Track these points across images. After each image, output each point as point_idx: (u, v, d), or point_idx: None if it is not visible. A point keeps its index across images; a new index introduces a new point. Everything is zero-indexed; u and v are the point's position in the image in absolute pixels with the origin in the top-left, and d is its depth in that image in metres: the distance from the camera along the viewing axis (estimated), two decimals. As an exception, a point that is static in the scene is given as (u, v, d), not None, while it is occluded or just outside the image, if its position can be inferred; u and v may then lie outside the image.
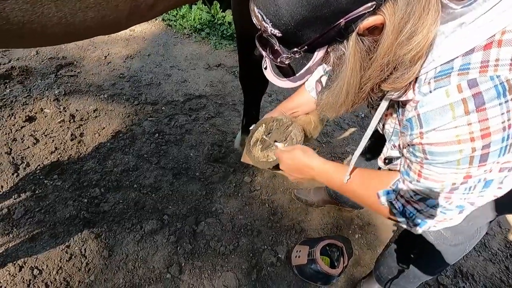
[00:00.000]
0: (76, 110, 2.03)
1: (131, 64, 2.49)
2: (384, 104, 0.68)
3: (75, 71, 2.34)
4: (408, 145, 0.62)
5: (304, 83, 0.98)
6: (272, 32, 0.53)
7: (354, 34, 0.50)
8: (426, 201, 0.65)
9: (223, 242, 1.50)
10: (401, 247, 1.20)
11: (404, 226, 0.72)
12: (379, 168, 0.88)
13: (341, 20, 0.48)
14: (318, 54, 0.56)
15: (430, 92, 0.54)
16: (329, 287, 1.42)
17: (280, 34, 0.53)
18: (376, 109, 0.70)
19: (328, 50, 0.55)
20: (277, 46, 0.57)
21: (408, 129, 0.59)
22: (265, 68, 0.69)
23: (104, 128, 1.95)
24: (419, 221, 0.68)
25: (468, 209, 0.65)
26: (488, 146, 0.52)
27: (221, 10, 3.10)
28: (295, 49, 0.54)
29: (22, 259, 1.34)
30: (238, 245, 1.51)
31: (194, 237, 1.51)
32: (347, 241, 1.48)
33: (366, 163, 1.33)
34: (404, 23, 0.48)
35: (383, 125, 0.79)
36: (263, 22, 0.53)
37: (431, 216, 0.67)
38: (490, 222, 0.94)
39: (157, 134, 1.95)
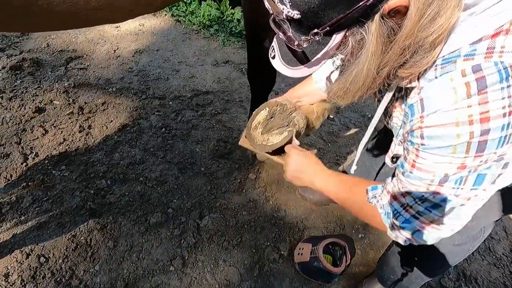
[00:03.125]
0: (85, 103, 2.05)
1: (140, 59, 2.50)
2: (389, 95, 0.68)
3: (84, 64, 2.37)
4: (408, 133, 0.61)
5: (311, 74, 0.97)
6: (289, 14, 0.50)
7: (377, 15, 0.49)
8: (412, 193, 0.64)
9: (226, 237, 1.51)
10: (403, 247, 1.20)
11: (390, 234, 0.70)
12: (380, 166, 0.88)
13: None
14: (336, 38, 0.53)
15: (436, 78, 0.54)
16: (330, 285, 1.43)
17: (298, 15, 0.50)
18: (382, 101, 0.70)
19: (347, 34, 0.53)
20: (289, 32, 0.54)
21: (409, 116, 0.60)
22: (273, 57, 0.65)
23: (112, 121, 1.97)
24: (403, 220, 0.67)
25: (456, 212, 0.62)
26: (487, 132, 0.51)
27: (230, 7, 3.11)
28: (316, 31, 0.51)
29: (29, 247, 1.37)
30: (241, 240, 1.52)
31: (198, 231, 1.52)
32: (350, 241, 1.48)
33: (373, 159, 1.32)
34: (428, 4, 0.47)
35: (390, 118, 0.78)
36: (278, 4, 0.51)
37: (418, 214, 0.64)
38: (495, 221, 0.93)
39: (163, 129, 1.97)
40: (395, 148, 0.79)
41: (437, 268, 1.12)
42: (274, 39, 0.65)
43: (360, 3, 0.47)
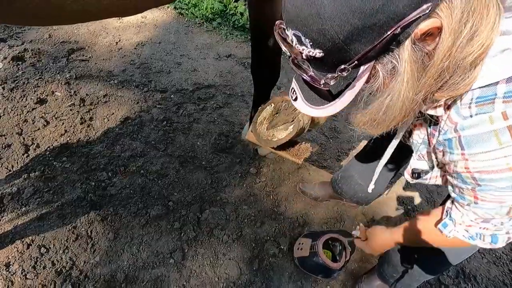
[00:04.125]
0: (86, 95, 2.05)
1: (142, 51, 2.49)
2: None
3: (86, 56, 2.35)
4: (453, 173, 0.61)
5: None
6: (310, 53, 0.47)
7: (408, 42, 0.45)
8: (489, 222, 0.64)
9: (226, 231, 1.52)
10: (405, 247, 1.19)
11: (482, 246, 0.71)
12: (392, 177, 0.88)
13: (396, 26, 0.42)
14: (364, 72, 0.49)
15: (471, 116, 0.53)
16: (329, 280, 1.43)
17: (321, 54, 0.47)
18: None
19: (376, 66, 0.49)
20: (310, 71, 0.51)
21: (447, 148, 0.59)
22: (295, 100, 0.61)
23: (113, 113, 1.97)
24: (489, 238, 0.68)
25: None
26: None
27: (233, 0, 3.08)
28: (342, 67, 0.47)
29: (30, 237, 1.38)
30: (241, 234, 1.52)
31: (198, 225, 1.52)
32: (350, 236, 1.48)
33: (388, 173, 1.31)
34: (463, 24, 0.43)
35: (409, 135, 0.77)
36: (297, 45, 0.48)
37: (499, 230, 0.66)
38: None
39: (165, 122, 1.96)
40: (414, 162, 0.79)
41: (440, 266, 1.12)
42: (294, 79, 0.62)
43: (389, 32, 0.43)
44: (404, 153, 1.05)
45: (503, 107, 0.50)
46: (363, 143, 2.05)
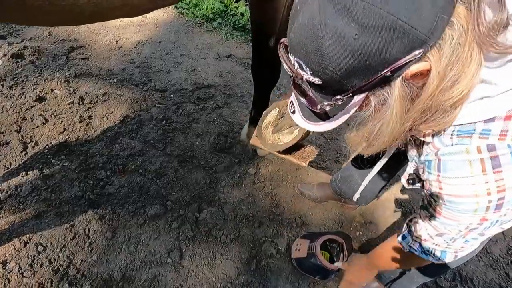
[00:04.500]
0: (86, 93, 2.04)
1: (142, 50, 2.49)
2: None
3: (86, 54, 2.35)
4: (428, 189, 0.68)
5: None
6: (310, 79, 0.52)
7: (399, 80, 0.50)
8: (442, 236, 0.71)
9: (224, 231, 1.52)
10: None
11: (433, 261, 0.78)
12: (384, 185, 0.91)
13: (388, 68, 0.47)
14: (358, 100, 0.55)
15: (452, 145, 0.59)
16: (327, 282, 1.43)
17: (319, 82, 0.51)
18: None
19: (368, 94, 0.54)
20: (309, 92, 0.55)
21: (426, 168, 0.66)
22: (293, 112, 0.67)
23: (112, 112, 1.97)
24: (439, 253, 0.75)
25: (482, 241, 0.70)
26: (503, 198, 0.58)
27: (234, 0, 3.08)
28: (338, 97, 0.53)
29: (27, 235, 1.37)
30: (239, 235, 1.52)
31: (196, 224, 1.52)
32: (348, 238, 1.48)
33: (382, 182, 1.32)
34: (449, 70, 0.48)
35: (405, 146, 0.81)
36: (299, 69, 0.52)
37: (449, 247, 0.73)
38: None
39: (164, 121, 1.96)
40: (410, 169, 0.83)
41: (438, 270, 1.12)
42: (293, 94, 0.66)
43: (383, 72, 0.48)
44: (402, 158, 1.06)
45: (478, 142, 0.56)
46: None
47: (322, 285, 1.42)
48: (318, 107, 0.56)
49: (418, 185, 0.81)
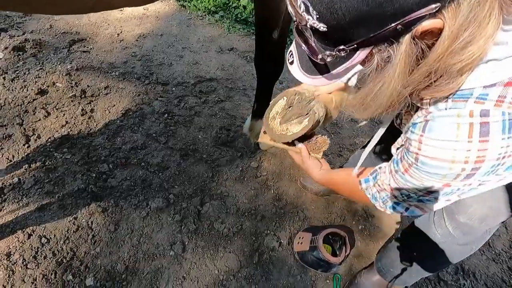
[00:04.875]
0: (88, 86, 2.04)
1: (144, 43, 2.47)
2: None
3: (87, 47, 2.34)
4: (405, 150, 0.65)
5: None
6: (314, 25, 0.48)
7: (408, 36, 0.47)
8: (400, 191, 0.69)
9: (226, 224, 1.52)
10: (405, 242, 1.19)
11: (378, 208, 0.79)
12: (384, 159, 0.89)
13: (401, 20, 0.44)
14: (361, 54, 0.52)
15: (445, 109, 0.56)
16: (329, 275, 1.43)
17: (324, 29, 0.48)
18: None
19: (373, 50, 0.51)
20: (311, 41, 0.52)
21: (411, 127, 0.62)
22: (291, 63, 0.63)
23: (114, 105, 1.96)
24: (390, 205, 0.74)
25: (445, 200, 0.67)
26: (477, 169, 0.55)
27: (236, -7, 3.05)
28: (342, 47, 0.49)
29: (31, 227, 1.38)
30: (241, 228, 1.52)
31: (198, 217, 1.53)
32: (350, 231, 1.48)
33: (374, 156, 1.31)
34: (463, 30, 0.44)
35: (401, 121, 0.78)
36: (304, 13, 0.48)
37: (402, 202, 0.71)
38: (502, 222, 0.93)
39: (166, 115, 1.96)
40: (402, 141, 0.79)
41: (439, 265, 1.12)
42: (293, 43, 0.62)
43: (393, 24, 0.45)
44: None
45: (472, 106, 0.52)
46: (365, 139, 2.05)
47: (324, 278, 1.43)
48: (319, 56, 0.53)
49: None
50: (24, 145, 1.66)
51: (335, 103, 1.03)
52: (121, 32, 2.53)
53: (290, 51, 0.63)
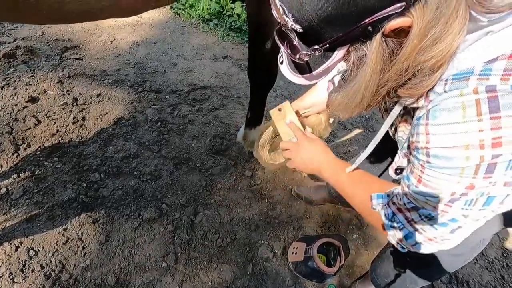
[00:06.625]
0: (80, 94, 2.01)
1: (137, 51, 2.46)
2: (397, 109, 0.66)
3: (80, 54, 2.32)
4: (414, 146, 0.59)
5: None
6: (293, 27, 0.52)
7: (378, 35, 0.48)
8: (418, 210, 0.62)
9: (220, 234, 1.50)
10: (399, 252, 1.19)
11: (391, 240, 0.68)
12: (393, 180, 0.87)
13: (368, 19, 0.46)
14: (338, 54, 0.54)
15: (445, 92, 0.51)
16: (323, 285, 1.42)
17: (301, 30, 0.51)
18: (389, 114, 0.69)
19: (350, 49, 0.53)
20: (295, 41, 0.55)
21: (416, 121, 0.57)
22: (281, 63, 0.67)
23: (106, 113, 1.94)
24: (406, 232, 0.65)
25: (461, 230, 0.61)
26: (498, 156, 0.48)
27: (230, 1, 3.07)
28: (316, 47, 0.52)
29: (18, 239, 1.34)
30: (235, 238, 1.50)
31: (191, 228, 1.50)
32: (345, 241, 1.48)
33: (370, 165, 1.31)
34: (430, 28, 0.45)
35: (395, 130, 0.77)
36: (283, 15, 0.52)
37: (422, 230, 0.63)
38: (495, 233, 0.93)
39: (159, 123, 1.94)
40: (399, 160, 0.78)
41: (433, 275, 1.12)
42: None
43: (361, 23, 0.47)
44: (392, 152, 1.03)
45: (476, 83, 0.48)
46: (359, 147, 2.05)
47: (318, 288, 1.41)
48: (297, 56, 0.56)
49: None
50: (13, 154, 1.62)
51: (324, 124, 1.04)
52: (114, 39, 2.52)
53: (281, 51, 0.66)
